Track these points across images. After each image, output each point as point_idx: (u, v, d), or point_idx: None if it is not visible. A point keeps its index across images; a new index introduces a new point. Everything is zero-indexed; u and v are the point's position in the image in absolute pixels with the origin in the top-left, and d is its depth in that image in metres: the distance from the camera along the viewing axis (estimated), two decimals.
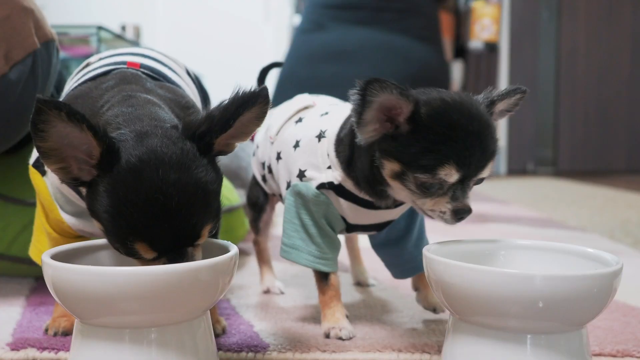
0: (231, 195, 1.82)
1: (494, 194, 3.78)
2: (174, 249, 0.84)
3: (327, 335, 1.11)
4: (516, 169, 5.51)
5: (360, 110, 0.93)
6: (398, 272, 1.27)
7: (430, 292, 1.24)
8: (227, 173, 2.11)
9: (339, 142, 1.09)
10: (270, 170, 1.25)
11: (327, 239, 1.13)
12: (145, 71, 1.08)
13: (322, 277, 1.15)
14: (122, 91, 0.98)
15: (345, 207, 1.11)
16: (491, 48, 5.55)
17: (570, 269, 0.98)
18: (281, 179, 1.19)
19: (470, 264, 0.86)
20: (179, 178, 0.81)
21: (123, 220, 0.81)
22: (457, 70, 5.76)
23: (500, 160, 5.45)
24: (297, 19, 6.12)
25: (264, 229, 1.45)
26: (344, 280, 1.57)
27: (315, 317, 1.25)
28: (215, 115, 0.86)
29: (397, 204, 1.09)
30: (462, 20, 5.72)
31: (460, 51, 5.85)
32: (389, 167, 0.98)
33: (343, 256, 1.79)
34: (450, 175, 0.94)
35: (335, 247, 1.15)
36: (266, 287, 1.45)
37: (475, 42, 5.64)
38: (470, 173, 0.96)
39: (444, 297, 0.90)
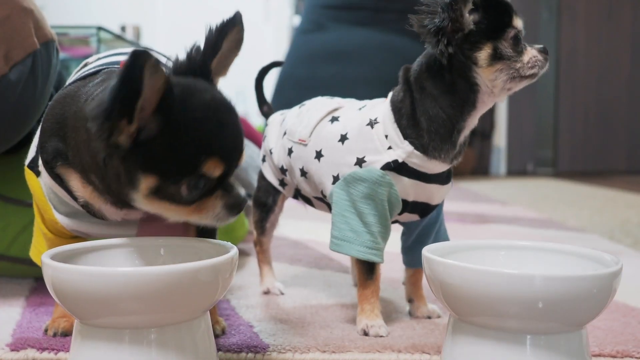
0: None
1: (494, 194, 3.78)
2: (233, 162, 0.88)
3: (366, 333, 1.13)
4: (516, 170, 5.51)
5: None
6: (412, 259, 1.29)
7: (423, 303, 1.28)
8: None
9: (398, 111, 1.15)
10: (303, 174, 1.26)
11: (382, 228, 1.15)
12: None
13: (368, 270, 1.17)
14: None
15: (408, 185, 1.15)
16: None
17: (570, 270, 0.98)
18: (325, 176, 1.20)
19: (470, 264, 0.86)
20: (213, 96, 0.87)
21: (191, 142, 0.83)
22: None
23: (500, 160, 5.45)
24: (296, 20, 6.13)
25: (270, 229, 1.46)
26: (344, 280, 1.57)
27: (314, 317, 1.25)
28: (198, 48, 0.90)
29: (457, 156, 1.17)
30: None
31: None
32: (483, 57, 1.09)
33: (344, 258, 1.80)
34: (518, 21, 1.12)
35: (387, 236, 1.18)
36: (266, 287, 1.45)
37: None
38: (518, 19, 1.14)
39: (444, 298, 0.90)
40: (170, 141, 0.82)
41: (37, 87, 1.36)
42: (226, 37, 0.90)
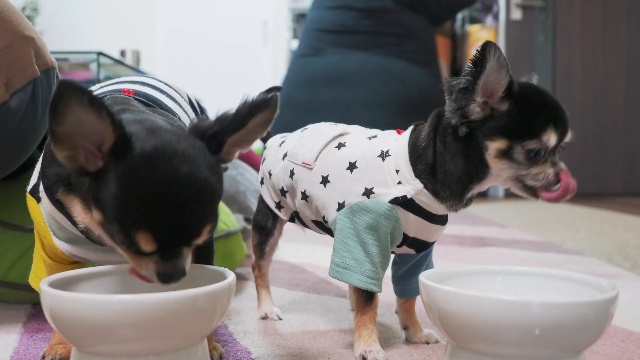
0: (229, 220, 1.83)
1: (492, 217, 3.78)
2: (173, 243, 0.83)
3: (364, 359, 1.12)
4: (514, 192, 5.52)
5: (475, 76, 1.03)
6: (404, 290, 1.30)
7: (419, 328, 1.28)
8: (225, 197, 2.12)
9: (417, 155, 1.14)
10: (304, 197, 1.26)
11: (384, 259, 1.16)
12: (139, 98, 1.10)
13: (367, 298, 1.16)
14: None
15: (413, 221, 1.15)
16: None
17: (567, 296, 0.98)
18: (329, 201, 1.20)
19: (467, 291, 0.86)
20: (191, 171, 0.81)
21: (131, 208, 0.79)
22: None
23: None
24: (295, 44, 6.18)
25: (269, 253, 1.45)
26: (342, 305, 1.57)
27: (312, 343, 1.25)
28: (226, 117, 0.88)
29: (463, 206, 1.16)
30: (458, 44, 5.78)
31: (457, 75, 5.90)
32: (493, 148, 1.06)
33: (342, 282, 1.79)
34: (551, 139, 1.05)
35: (386, 266, 1.18)
36: (264, 312, 1.45)
37: None
38: (562, 137, 1.08)
39: (441, 324, 0.90)
40: (116, 193, 0.80)
41: (37, 114, 1.37)
42: (255, 117, 0.88)
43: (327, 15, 4.76)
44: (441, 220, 1.18)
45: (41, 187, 1.04)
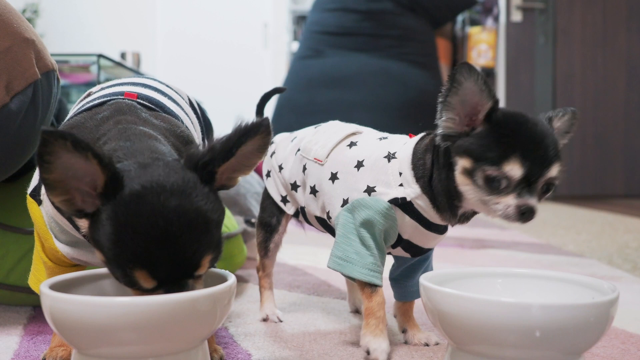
0: (229, 222, 1.83)
1: (492, 218, 3.78)
2: (174, 278, 0.83)
3: (368, 353, 1.12)
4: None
5: (447, 94, 1.03)
6: (400, 293, 1.30)
7: (417, 330, 1.28)
8: (225, 200, 2.12)
9: (418, 159, 1.15)
10: (313, 191, 1.28)
11: (381, 253, 1.16)
12: (142, 101, 1.09)
13: (371, 286, 1.16)
14: (117, 123, 0.98)
15: (408, 224, 1.16)
16: (487, 74, 5.60)
17: (567, 298, 0.98)
18: (335, 197, 1.22)
19: (467, 293, 0.86)
20: (179, 204, 0.81)
21: (124, 248, 0.80)
22: None
23: None
24: (295, 46, 6.18)
25: (274, 251, 1.46)
26: (342, 307, 1.57)
27: (312, 345, 1.25)
28: (217, 146, 0.87)
29: (458, 221, 1.15)
30: (458, 46, 5.78)
31: None
32: (460, 164, 1.05)
33: (343, 284, 1.79)
34: (514, 170, 0.99)
35: (384, 261, 1.18)
36: (265, 314, 1.45)
37: None
38: (534, 171, 1.00)
39: (441, 326, 0.90)
40: (109, 234, 0.80)
41: (38, 117, 1.38)
42: (245, 144, 0.87)
43: (327, 17, 4.77)
44: (438, 229, 1.18)
45: (43, 190, 1.04)
